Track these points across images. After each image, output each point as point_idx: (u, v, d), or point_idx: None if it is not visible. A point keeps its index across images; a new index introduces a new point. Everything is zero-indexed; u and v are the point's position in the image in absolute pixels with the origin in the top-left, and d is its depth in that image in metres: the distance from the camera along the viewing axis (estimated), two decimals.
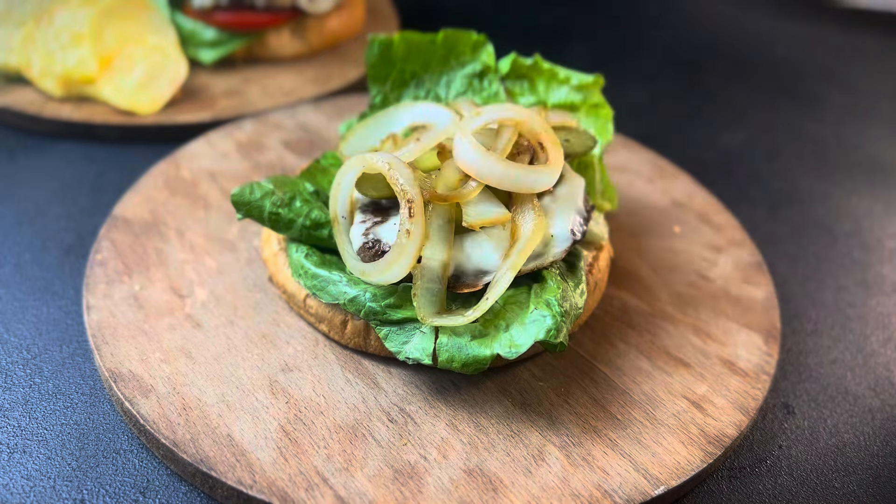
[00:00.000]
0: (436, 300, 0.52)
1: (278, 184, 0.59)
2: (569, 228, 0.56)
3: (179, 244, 0.65)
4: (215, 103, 0.86)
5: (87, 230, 0.70)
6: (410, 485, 0.49)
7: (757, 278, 0.67)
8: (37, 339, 0.60)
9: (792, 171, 0.89)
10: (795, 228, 0.79)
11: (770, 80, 1.08)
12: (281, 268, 0.59)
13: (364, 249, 0.54)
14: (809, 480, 0.55)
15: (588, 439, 0.52)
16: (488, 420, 0.53)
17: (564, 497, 0.49)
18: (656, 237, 0.70)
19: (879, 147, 0.94)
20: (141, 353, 0.55)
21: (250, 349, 0.57)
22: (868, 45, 1.19)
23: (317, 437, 0.51)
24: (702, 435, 0.53)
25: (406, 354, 0.53)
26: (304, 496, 0.47)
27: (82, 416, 0.54)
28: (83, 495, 0.49)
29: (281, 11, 0.92)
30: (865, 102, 1.04)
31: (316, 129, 0.81)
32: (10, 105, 0.82)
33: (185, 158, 0.75)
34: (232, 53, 0.92)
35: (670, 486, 0.50)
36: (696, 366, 0.58)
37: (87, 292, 0.60)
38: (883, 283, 0.73)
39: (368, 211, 0.57)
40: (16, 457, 0.51)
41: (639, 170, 0.79)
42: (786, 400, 0.60)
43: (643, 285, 0.65)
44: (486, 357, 0.51)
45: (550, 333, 0.51)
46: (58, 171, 0.78)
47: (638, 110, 0.96)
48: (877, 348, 0.65)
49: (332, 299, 0.55)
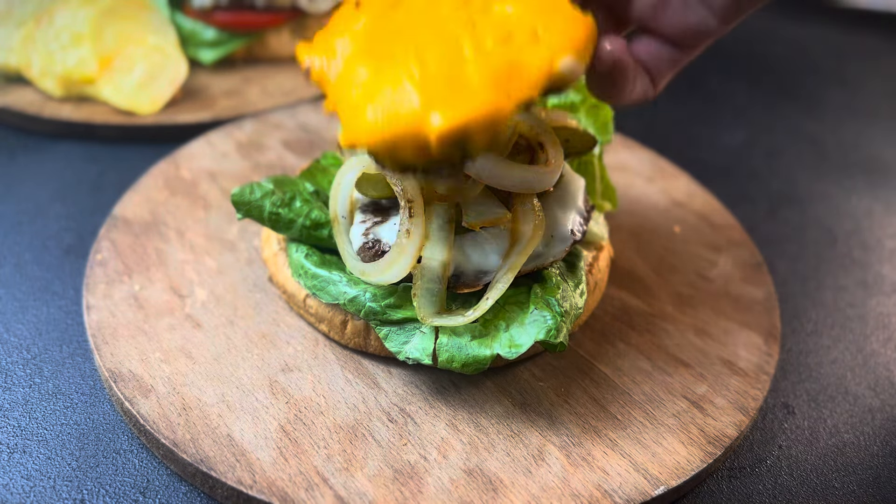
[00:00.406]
0: (436, 300, 0.52)
1: (278, 184, 0.59)
2: (569, 228, 0.56)
3: (179, 244, 0.65)
4: (215, 103, 0.86)
5: (87, 230, 0.70)
6: (410, 485, 0.49)
7: (757, 278, 0.67)
8: (37, 339, 0.60)
9: (792, 171, 0.89)
10: (795, 228, 0.79)
11: (770, 80, 1.08)
12: (281, 268, 0.59)
13: (364, 249, 0.54)
14: (809, 480, 0.55)
15: (588, 439, 0.52)
16: (488, 420, 0.53)
17: (564, 497, 0.49)
18: (656, 237, 0.70)
19: (879, 147, 0.94)
20: (141, 353, 0.55)
21: (250, 349, 0.57)
22: (868, 45, 1.19)
23: (317, 437, 0.51)
24: (702, 435, 0.53)
25: (406, 354, 0.53)
26: (304, 496, 0.47)
27: (82, 416, 0.54)
28: (83, 495, 0.49)
29: (281, 11, 0.92)
30: (865, 102, 1.04)
31: (316, 129, 0.81)
32: (10, 105, 0.82)
33: (184, 158, 0.75)
34: (232, 53, 0.92)
35: (670, 486, 0.50)
36: (696, 366, 0.58)
37: (87, 292, 0.60)
38: (883, 282, 0.73)
39: (368, 211, 0.57)
40: (16, 457, 0.51)
41: (639, 170, 0.79)
42: (786, 400, 0.60)
43: (643, 285, 0.65)
44: (486, 357, 0.51)
45: (550, 333, 0.51)
46: (58, 171, 0.78)
47: (638, 110, 0.96)
48: (877, 348, 0.65)
49: (332, 299, 0.55)
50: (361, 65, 0.45)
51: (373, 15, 0.48)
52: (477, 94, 0.43)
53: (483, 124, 0.43)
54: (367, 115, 0.43)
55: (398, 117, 0.43)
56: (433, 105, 0.43)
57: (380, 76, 0.44)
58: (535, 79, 0.45)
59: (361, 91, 0.44)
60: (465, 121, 0.42)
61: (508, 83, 0.44)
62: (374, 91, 0.44)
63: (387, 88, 0.44)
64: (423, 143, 0.43)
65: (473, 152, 0.44)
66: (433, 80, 0.44)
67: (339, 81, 0.46)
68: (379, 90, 0.44)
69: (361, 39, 0.47)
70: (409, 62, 0.44)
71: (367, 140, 0.44)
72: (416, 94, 0.43)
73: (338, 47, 0.47)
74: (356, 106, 0.44)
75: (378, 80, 0.44)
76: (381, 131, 0.43)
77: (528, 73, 0.44)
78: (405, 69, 0.44)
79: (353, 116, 0.44)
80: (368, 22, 0.48)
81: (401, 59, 0.45)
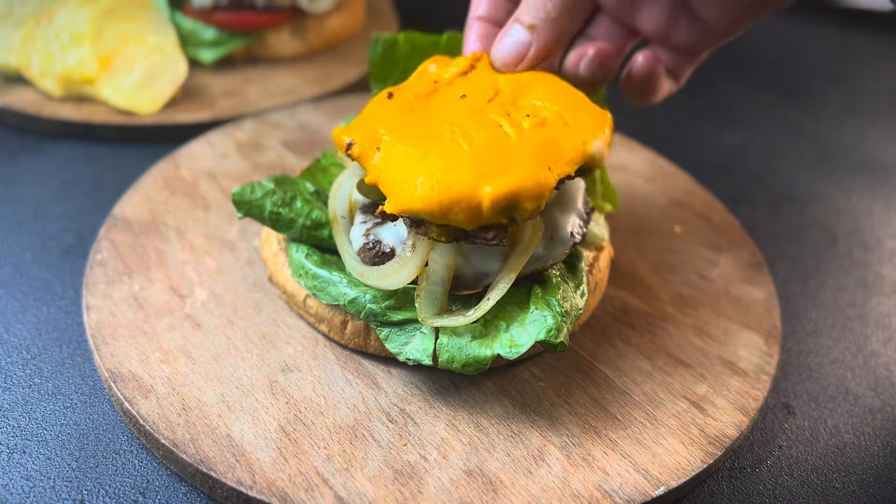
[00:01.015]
0: (437, 302, 0.52)
1: (279, 183, 0.59)
2: (568, 231, 0.56)
3: (179, 244, 0.65)
4: (215, 103, 0.86)
5: (87, 230, 0.70)
6: (410, 485, 0.49)
7: (757, 278, 0.67)
8: (36, 340, 0.60)
9: (792, 171, 0.89)
10: (795, 228, 0.79)
11: (770, 80, 1.08)
12: (281, 268, 0.59)
13: (364, 250, 0.54)
14: (810, 481, 0.55)
15: (588, 440, 0.52)
16: (488, 420, 0.53)
17: (564, 497, 0.48)
18: (656, 237, 0.70)
19: (879, 147, 0.94)
20: (141, 353, 0.55)
21: (250, 349, 0.57)
22: (868, 45, 1.19)
23: (317, 438, 0.51)
24: (702, 435, 0.53)
25: (406, 355, 0.53)
26: (304, 496, 0.47)
27: (82, 416, 0.54)
28: (83, 496, 0.49)
29: (281, 11, 0.92)
30: (865, 102, 1.04)
31: (316, 128, 0.81)
32: (10, 105, 0.82)
33: (184, 158, 0.75)
34: (232, 53, 0.92)
35: (670, 487, 0.50)
36: (697, 366, 0.58)
37: (87, 292, 0.60)
38: (883, 283, 0.73)
39: (369, 212, 0.56)
40: (15, 457, 0.51)
41: (639, 170, 0.79)
42: (786, 400, 0.60)
43: (643, 285, 0.65)
44: (486, 357, 0.51)
45: (551, 333, 0.50)
46: (58, 171, 0.77)
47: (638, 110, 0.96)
48: (877, 348, 0.65)
49: (332, 300, 0.55)
50: (403, 143, 0.50)
51: (406, 105, 0.54)
52: (524, 166, 0.49)
53: (530, 193, 0.48)
54: (418, 186, 0.48)
55: (452, 186, 0.48)
56: (485, 175, 0.48)
57: (426, 152, 0.49)
58: (572, 157, 0.51)
59: (408, 165, 0.49)
60: (515, 189, 0.48)
61: (549, 159, 0.50)
62: (423, 164, 0.49)
63: (436, 161, 0.49)
64: (476, 209, 0.48)
65: (520, 218, 0.49)
66: (482, 153, 0.49)
67: (383, 158, 0.50)
68: (427, 163, 0.49)
69: (400, 123, 0.52)
70: (457, 139, 0.50)
71: (420, 207, 0.48)
72: (468, 165, 0.48)
73: (377, 129, 0.52)
74: (404, 178, 0.49)
75: (425, 155, 0.49)
76: (436, 199, 0.47)
77: (565, 151, 0.51)
78: (453, 145, 0.49)
79: (401, 188, 0.49)
80: (404, 110, 0.53)
81: (446, 137, 0.50)
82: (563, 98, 0.54)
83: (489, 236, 0.50)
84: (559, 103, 0.53)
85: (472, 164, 0.48)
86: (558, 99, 0.53)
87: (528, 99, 0.53)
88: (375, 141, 0.51)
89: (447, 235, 0.50)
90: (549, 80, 0.55)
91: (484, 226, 0.49)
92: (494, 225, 0.49)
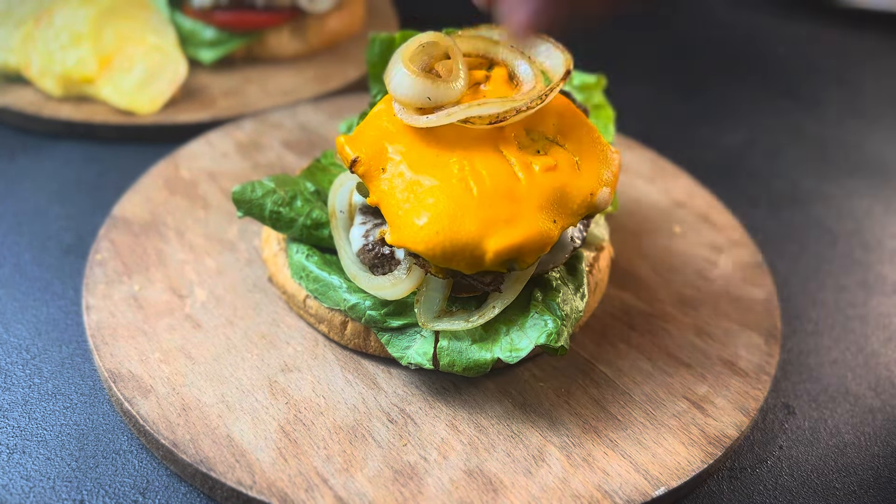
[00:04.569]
0: (436, 307, 0.52)
1: (279, 182, 0.59)
2: (569, 235, 0.56)
3: (179, 244, 0.65)
4: (215, 103, 0.86)
5: (86, 230, 0.70)
6: (410, 485, 0.49)
7: (757, 278, 0.67)
8: (36, 340, 0.59)
9: (792, 171, 0.89)
10: (796, 228, 0.79)
11: (770, 80, 1.08)
12: (281, 268, 0.59)
13: (364, 251, 0.54)
14: (810, 481, 0.55)
15: (588, 440, 0.52)
16: (488, 421, 0.53)
17: (565, 498, 0.48)
18: (656, 237, 0.70)
19: (880, 147, 0.94)
20: (140, 353, 0.55)
21: (250, 349, 0.57)
22: (868, 45, 1.19)
23: (316, 438, 0.51)
24: (702, 435, 0.53)
25: (409, 359, 0.53)
26: (304, 497, 0.47)
27: (82, 416, 0.54)
28: (83, 496, 0.49)
29: (281, 11, 0.92)
30: (866, 102, 1.04)
31: (316, 128, 0.81)
32: (9, 105, 0.82)
33: (184, 158, 0.75)
34: (232, 53, 0.92)
35: (671, 487, 0.50)
36: (697, 366, 0.58)
37: (87, 292, 0.60)
38: (884, 283, 0.72)
39: (369, 212, 0.56)
40: (15, 457, 0.51)
41: (639, 170, 0.79)
42: (786, 400, 0.60)
43: (644, 285, 0.65)
44: (487, 361, 0.51)
45: (551, 337, 0.50)
46: (57, 171, 0.77)
47: (638, 110, 0.96)
48: (877, 348, 0.65)
49: (332, 304, 0.55)
50: (411, 170, 0.49)
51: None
52: (530, 220, 0.48)
53: (534, 247, 0.48)
54: (420, 223, 0.48)
55: (458, 234, 0.47)
56: (492, 224, 0.48)
57: (432, 190, 0.48)
58: (577, 208, 0.51)
59: (414, 198, 0.49)
60: (520, 244, 0.48)
61: (555, 210, 0.49)
62: (429, 199, 0.48)
63: (444, 203, 0.48)
64: (479, 259, 0.48)
65: (520, 268, 0.49)
66: (490, 198, 0.48)
67: (388, 181, 0.50)
68: (435, 205, 0.48)
69: (408, 141, 0.51)
70: (466, 178, 0.49)
71: (422, 250, 0.48)
72: (475, 213, 0.48)
73: (384, 145, 0.51)
74: (409, 212, 0.48)
75: (431, 192, 0.48)
76: (440, 245, 0.47)
77: (572, 202, 0.50)
78: (462, 185, 0.48)
79: (405, 221, 0.48)
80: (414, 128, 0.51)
81: (454, 174, 0.49)
82: (576, 135, 0.52)
83: (486, 280, 0.51)
84: (571, 141, 0.52)
85: (479, 210, 0.48)
86: (571, 135, 0.52)
87: (540, 129, 0.52)
88: (382, 160, 0.50)
89: (444, 273, 0.50)
90: (562, 111, 0.54)
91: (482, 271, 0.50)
92: (492, 271, 0.50)
